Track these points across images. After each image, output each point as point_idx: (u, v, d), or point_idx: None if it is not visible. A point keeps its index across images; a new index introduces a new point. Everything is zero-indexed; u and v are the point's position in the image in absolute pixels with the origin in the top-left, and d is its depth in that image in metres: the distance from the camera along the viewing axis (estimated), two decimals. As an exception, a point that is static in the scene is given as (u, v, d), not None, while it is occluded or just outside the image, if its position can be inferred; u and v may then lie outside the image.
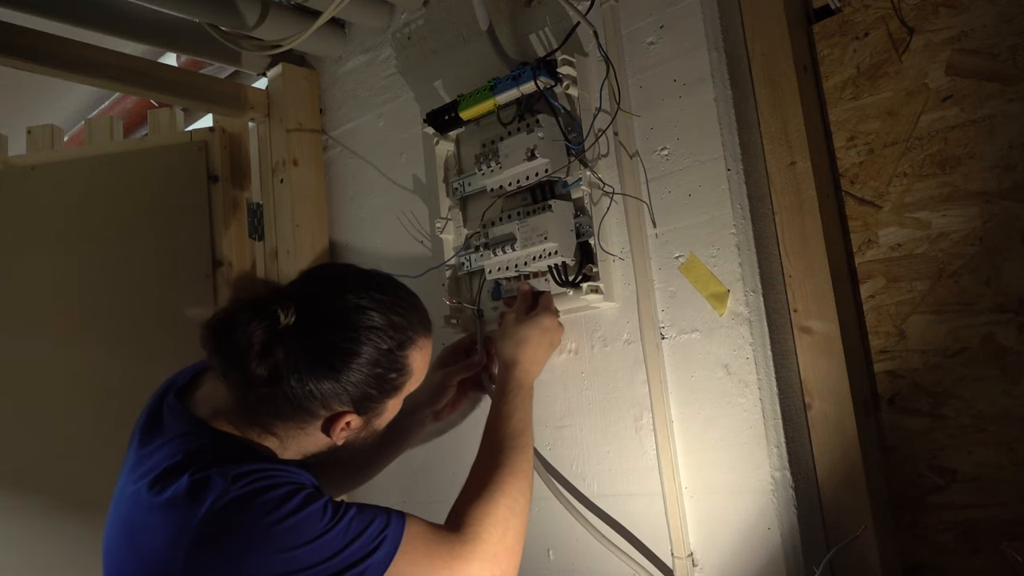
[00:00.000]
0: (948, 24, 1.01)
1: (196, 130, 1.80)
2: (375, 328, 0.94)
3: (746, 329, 1.04)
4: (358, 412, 0.95)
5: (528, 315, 1.17)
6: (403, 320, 0.97)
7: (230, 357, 0.90)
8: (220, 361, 0.91)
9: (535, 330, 1.15)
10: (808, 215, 1.06)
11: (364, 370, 0.92)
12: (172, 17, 1.51)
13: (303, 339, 0.90)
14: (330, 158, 1.70)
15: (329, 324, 0.92)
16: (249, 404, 0.92)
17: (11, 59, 1.36)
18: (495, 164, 1.20)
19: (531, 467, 1.04)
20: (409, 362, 0.97)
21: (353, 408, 0.94)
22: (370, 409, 0.96)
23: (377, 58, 1.59)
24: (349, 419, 0.94)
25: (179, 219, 1.69)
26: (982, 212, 0.98)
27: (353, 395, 0.92)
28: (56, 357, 1.64)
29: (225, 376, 0.92)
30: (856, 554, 0.98)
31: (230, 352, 0.89)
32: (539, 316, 1.16)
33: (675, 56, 1.12)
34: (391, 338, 0.95)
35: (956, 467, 0.99)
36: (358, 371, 0.92)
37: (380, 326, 0.94)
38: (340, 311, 0.93)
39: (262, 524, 0.83)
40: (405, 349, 0.96)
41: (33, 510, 1.59)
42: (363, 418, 0.96)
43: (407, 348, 0.96)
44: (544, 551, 1.23)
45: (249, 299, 0.92)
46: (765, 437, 1.01)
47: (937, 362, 1.01)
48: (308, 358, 0.90)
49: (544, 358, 1.18)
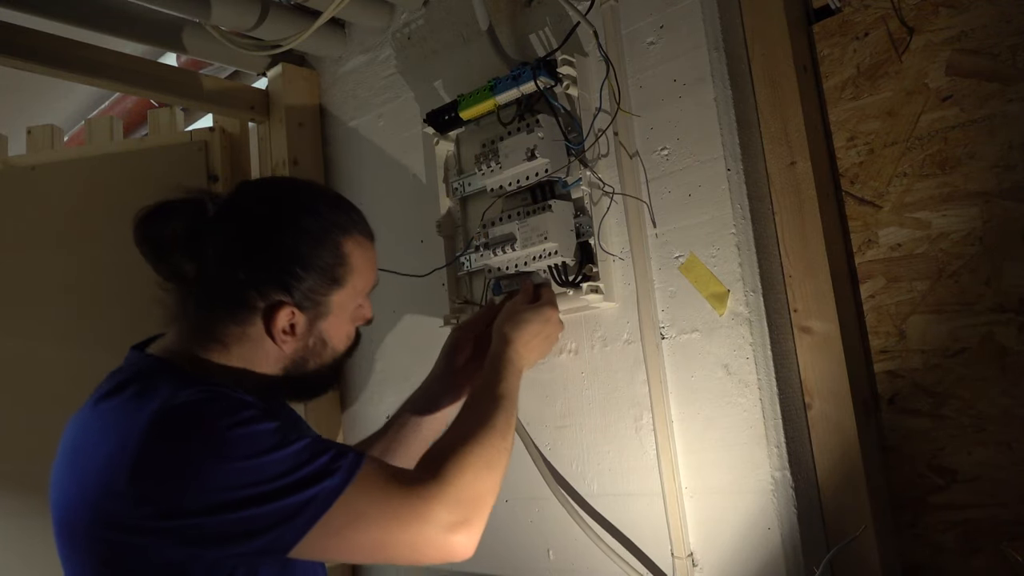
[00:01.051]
0: (948, 24, 1.01)
1: (196, 130, 1.80)
2: (304, 206, 0.92)
3: (746, 329, 1.04)
4: (296, 304, 0.89)
5: (532, 304, 1.12)
6: (337, 209, 0.95)
7: (157, 247, 0.89)
8: (148, 252, 0.90)
9: (537, 317, 1.08)
10: (808, 215, 1.06)
11: (293, 245, 0.89)
12: (172, 17, 1.51)
13: (229, 222, 0.89)
14: (330, 158, 1.70)
15: (258, 202, 0.92)
16: (189, 312, 0.91)
17: (11, 59, 1.36)
18: (495, 164, 1.20)
19: (512, 430, 0.97)
20: (346, 251, 0.93)
21: (290, 297, 0.89)
22: (310, 302, 0.91)
23: (377, 58, 1.59)
24: (289, 313, 0.89)
25: (179, 219, 1.69)
26: (982, 212, 0.98)
27: (286, 279, 0.89)
28: (56, 357, 1.64)
29: (156, 270, 0.90)
30: (856, 554, 0.98)
31: (156, 241, 0.88)
32: (543, 306, 1.11)
33: (675, 56, 1.12)
34: (323, 218, 0.92)
35: (956, 467, 0.99)
36: (287, 247, 0.89)
37: (309, 206, 0.93)
38: (270, 195, 0.95)
39: (215, 428, 0.80)
40: (340, 236, 0.93)
41: (33, 510, 1.59)
42: (305, 316, 0.91)
43: (342, 236, 0.93)
44: (544, 551, 1.23)
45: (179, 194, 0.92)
46: (765, 437, 1.01)
47: (937, 362, 1.01)
48: (235, 238, 0.88)
49: (539, 348, 1.09)
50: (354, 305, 0.97)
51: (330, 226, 0.93)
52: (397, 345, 1.51)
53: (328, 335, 0.95)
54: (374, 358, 1.55)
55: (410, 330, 1.48)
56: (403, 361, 1.49)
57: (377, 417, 1.49)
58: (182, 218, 0.90)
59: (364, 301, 1.01)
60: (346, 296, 0.95)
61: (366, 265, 0.97)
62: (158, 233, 0.89)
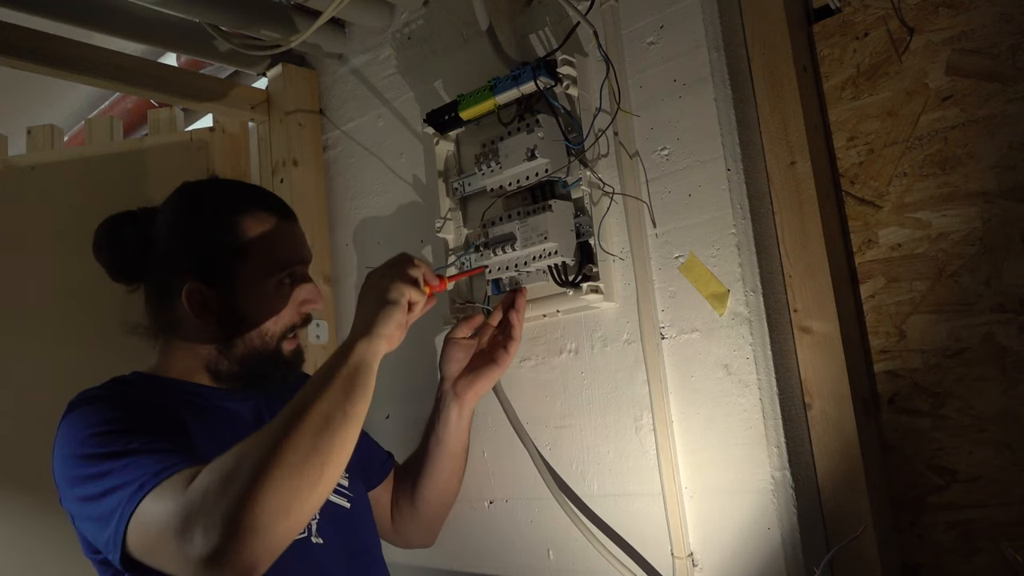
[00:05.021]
0: (948, 24, 1.01)
1: (196, 130, 1.80)
2: (199, 194, 1.07)
3: (746, 329, 1.04)
4: (203, 279, 1.00)
5: None
6: (232, 192, 1.08)
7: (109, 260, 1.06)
8: (104, 262, 1.07)
9: (365, 284, 1.00)
10: (808, 215, 1.06)
11: (189, 229, 1.03)
12: (172, 17, 1.51)
13: (151, 224, 1.05)
14: (330, 158, 1.70)
15: (168, 201, 1.08)
16: (149, 313, 1.07)
17: (11, 59, 1.36)
18: (495, 164, 1.20)
19: (306, 422, 0.81)
20: (242, 227, 1.01)
21: (198, 274, 1.00)
22: (214, 277, 1.00)
23: (377, 58, 1.59)
24: (197, 288, 1.00)
25: (179, 219, 1.69)
26: (982, 212, 0.98)
27: (188, 261, 1.01)
28: (56, 357, 1.64)
29: (115, 280, 1.07)
30: (856, 554, 0.98)
31: (109, 254, 1.06)
32: (376, 269, 1.01)
33: (675, 56, 1.12)
34: (215, 200, 1.05)
35: (956, 467, 0.99)
36: (184, 232, 1.03)
37: (204, 192, 1.07)
38: (180, 191, 1.08)
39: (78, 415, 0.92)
40: (232, 214, 1.02)
41: (33, 510, 1.59)
42: (215, 291, 1.00)
43: (236, 213, 1.02)
44: (544, 551, 1.23)
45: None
46: (765, 437, 1.01)
47: (937, 362, 1.01)
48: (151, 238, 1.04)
49: (373, 312, 0.95)
50: (273, 282, 1.02)
51: (221, 205, 1.04)
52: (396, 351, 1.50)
53: (247, 311, 1.02)
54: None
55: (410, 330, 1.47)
56: (403, 361, 1.49)
57: (376, 419, 1.49)
58: (126, 230, 1.06)
59: (294, 282, 1.05)
60: (253, 270, 1.01)
61: (272, 238, 1.03)
62: (110, 246, 1.06)
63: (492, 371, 1.18)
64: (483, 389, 1.19)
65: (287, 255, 1.04)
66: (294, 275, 1.05)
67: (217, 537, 0.72)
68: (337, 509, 1.08)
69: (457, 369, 1.20)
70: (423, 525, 1.26)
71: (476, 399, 1.20)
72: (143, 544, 0.80)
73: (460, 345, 1.21)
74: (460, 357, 1.21)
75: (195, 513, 0.74)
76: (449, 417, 1.19)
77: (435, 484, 1.22)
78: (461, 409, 1.19)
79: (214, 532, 0.72)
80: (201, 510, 0.73)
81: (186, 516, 0.74)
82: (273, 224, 1.03)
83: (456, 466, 1.22)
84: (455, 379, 1.20)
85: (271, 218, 1.04)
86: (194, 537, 0.72)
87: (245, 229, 1.01)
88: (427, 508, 1.24)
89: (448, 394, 1.20)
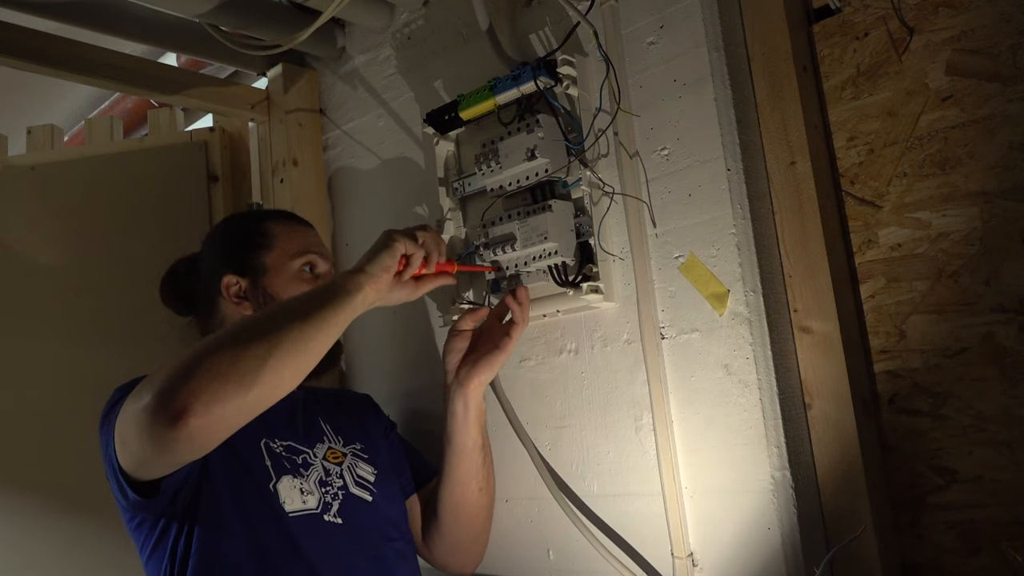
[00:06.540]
0: (948, 24, 1.01)
1: (196, 130, 1.81)
2: (230, 218, 1.37)
3: (746, 329, 1.04)
4: (237, 272, 1.18)
5: None
6: (259, 211, 1.40)
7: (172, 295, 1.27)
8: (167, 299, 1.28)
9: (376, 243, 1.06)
10: (808, 215, 1.06)
11: (223, 236, 1.26)
12: (172, 17, 1.51)
13: (198, 255, 1.28)
14: (330, 158, 1.70)
15: (208, 235, 1.31)
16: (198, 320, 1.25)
17: (11, 59, 1.36)
18: (495, 164, 1.20)
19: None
20: (268, 227, 1.22)
21: (232, 268, 1.18)
22: (245, 267, 1.18)
23: (377, 58, 1.59)
24: (233, 280, 1.18)
25: (179, 219, 1.69)
26: (982, 212, 0.98)
27: (225, 261, 1.20)
28: (56, 357, 1.64)
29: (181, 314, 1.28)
30: (856, 554, 0.98)
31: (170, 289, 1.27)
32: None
33: (675, 56, 1.12)
34: (243, 216, 1.35)
35: (956, 467, 0.99)
36: (219, 240, 1.26)
37: (234, 216, 1.38)
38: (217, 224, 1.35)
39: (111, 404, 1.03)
40: (256, 221, 1.24)
41: (33, 510, 1.59)
42: (248, 279, 1.18)
43: (263, 221, 1.23)
44: (544, 551, 1.23)
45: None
46: (765, 437, 1.01)
47: (937, 362, 1.01)
48: (198, 259, 1.27)
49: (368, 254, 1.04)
50: (297, 265, 1.19)
51: (248, 218, 1.31)
52: (398, 344, 1.51)
53: (277, 291, 1.17)
54: (374, 357, 1.55)
55: (410, 330, 1.48)
56: (403, 360, 1.49)
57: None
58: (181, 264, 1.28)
59: (315, 275, 1.20)
60: (279, 255, 1.19)
61: (292, 231, 1.23)
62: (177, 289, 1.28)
63: (495, 356, 1.15)
64: (486, 375, 1.16)
65: (307, 243, 1.23)
66: (314, 267, 1.21)
67: (159, 386, 0.84)
68: (359, 501, 1.14)
69: (458, 359, 1.19)
70: (448, 539, 1.23)
71: (481, 388, 1.17)
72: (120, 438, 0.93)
73: (463, 336, 1.20)
74: (461, 347, 1.19)
75: (148, 379, 0.88)
76: (455, 410, 1.17)
77: (450, 488, 1.20)
78: (466, 400, 1.16)
79: (157, 383, 0.85)
80: (153, 376, 0.87)
81: (142, 385, 0.88)
82: (293, 225, 1.25)
83: (470, 467, 1.19)
84: (457, 369, 1.19)
85: (291, 222, 1.26)
86: (142, 394, 0.85)
87: (267, 227, 1.22)
88: (447, 517, 1.21)
89: (452, 386, 1.18)
